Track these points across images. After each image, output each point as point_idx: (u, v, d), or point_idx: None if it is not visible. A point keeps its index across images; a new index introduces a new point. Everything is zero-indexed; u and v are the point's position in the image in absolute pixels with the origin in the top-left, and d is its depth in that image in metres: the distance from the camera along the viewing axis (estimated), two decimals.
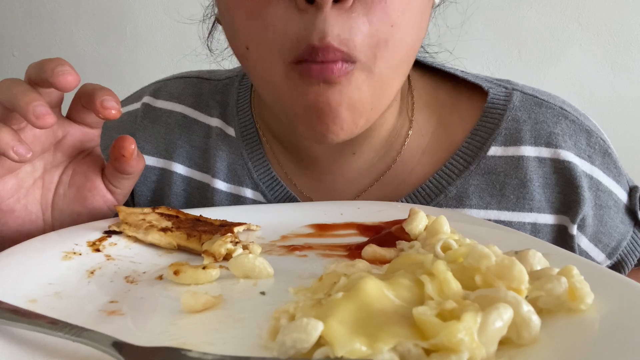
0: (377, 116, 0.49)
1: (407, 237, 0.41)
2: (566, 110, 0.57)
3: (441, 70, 0.61)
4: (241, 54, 0.48)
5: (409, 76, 0.60)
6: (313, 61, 0.43)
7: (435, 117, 0.60)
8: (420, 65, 0.62)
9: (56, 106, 0.46)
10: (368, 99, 0.46)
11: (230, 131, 0.63)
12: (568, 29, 1.38)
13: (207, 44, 0.64)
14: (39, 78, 0.41)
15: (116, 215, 0.47)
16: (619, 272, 0.60)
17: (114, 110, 0.43)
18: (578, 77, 1.40)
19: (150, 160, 0.65)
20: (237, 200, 0.62)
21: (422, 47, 0.61)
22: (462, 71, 0.61)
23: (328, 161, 0.58)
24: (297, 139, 0.58)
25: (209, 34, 0.63)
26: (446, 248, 0.33)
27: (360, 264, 0.34)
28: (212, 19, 0.61)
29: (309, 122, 0.46)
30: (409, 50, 0.47)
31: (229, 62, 0.64)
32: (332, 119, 0.45)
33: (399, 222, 0.43)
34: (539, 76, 1.41)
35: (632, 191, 0.59)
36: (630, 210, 0.59)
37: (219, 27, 0.59)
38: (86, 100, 0.45)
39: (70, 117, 0.48)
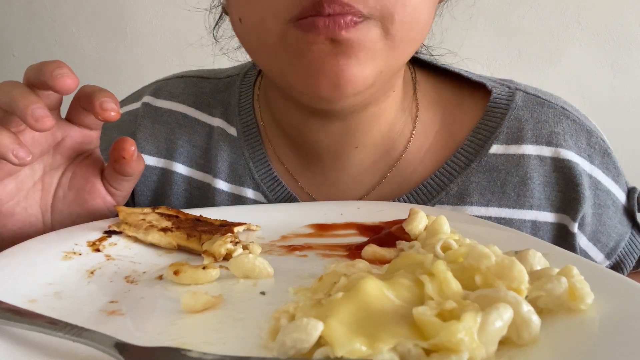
0: (385, 80, 0.48)
1: (407, 237, 0.41)
2: (567, 110, 0.58)
3: (445, 70, 0.61)
4: (237, 29, 0.48)
5: (414, 76, 0.60)
6: (318, 14, 0.41)
7: (439, 116, 0.60)
8: (424, 66, 0.62)
9: (55, 108, 0.45)
10: (381, 56, 0.45)
11: (232, 131, 0.63)
12: (568, 29, 1.38)
13: (213, 34, 0.63)
14: (38, 80, 0.41)
15: (116, 215, 0.47)
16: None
17: (113, 112, 0.43)
18: (578, 77, 1.40)
19: (151, 160, 0.65)
20: (238, 200, 0.62)
21: (425, 46, 0.61)
22: (466, 71, 0.61)
23: (332, 156, 0.58)
24: (302, 129, 0.58)
25: (216, 24, 0.63)
26: (446, 248, 0.33)
27: (360, 264, 0.34)
28: (219, 9, 0.61)
29: (312, 78, 0.45)
30: (424, 27, 0.46)
31: (234, 54, 0.64)
32: (340, 73, 0.44)
33: (399, 222, 0.43)
34: (539, 76, 1.41)
35: (630, 192, 0.59)
36: (628, 212, 0.59)
37: (226, 19, 0.59)
38: (85, 102, 0.45)
39: (70, 119, 0.48)
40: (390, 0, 0.43)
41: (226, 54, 0.65)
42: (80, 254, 0.40)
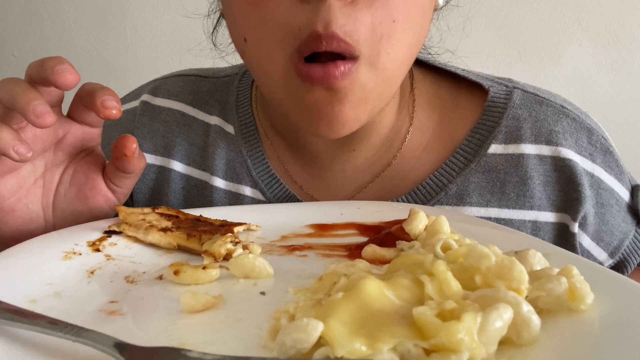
0: (379, 110, 0.49)
1: (407, 237, 0.41)
2: (567, 109, 0.57)
3: (443, 69, 0.61)
4: (240, 46, 0.48)
5: (411, 75, 0.60)
6: (315, 53, 0.43)
7: (437, 114, 0.60)
8: (422, 64, 0.62)
9: (56, 105, 0.46)
10: (372, 95, 0.46)
11: (230, 129, 0.63)
12: (568, 29, 1.38)
13: (212, 39, 0.64)
14: (39, 77, 0.41)
15: (116, 215, 0.47)
16: (621, 272, 0.59)
17: (114, 110, 0.43)
18: (578, 77, 1.40)
19: (149, 158, 0.65)
20: (235, 198, 0.62)
21: (424, 47, 0.61)
22: (464, 70, 0.61)
23: (329, 157, 0.58)
24: (298, 134, 0.59)
25: (214, 29, 0.63)
26: (446, 248, 0.33)
27: (360, 264, 0.34)
28: (217, 14, 0.61)
29: (311, 120, 0.47)
30: (412, 48, 0.47)
31: (232, 58, 0.64)
32: (335, 118, 0.46)
33: (399, 222, 0.43)
34: (539, 76, 1.41)
35: (634, 190, 0.59)
36: (632, 209, 0.58)
37: (224, 23, 0.59)
38: (87, 99, 0.45)
39: (71, 116, 0.48)
40: (377, 34, 0.43)
41: (224, 58, 0.65)
42: (80, 254, 0.40)
